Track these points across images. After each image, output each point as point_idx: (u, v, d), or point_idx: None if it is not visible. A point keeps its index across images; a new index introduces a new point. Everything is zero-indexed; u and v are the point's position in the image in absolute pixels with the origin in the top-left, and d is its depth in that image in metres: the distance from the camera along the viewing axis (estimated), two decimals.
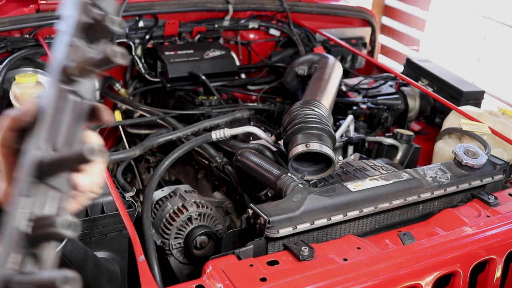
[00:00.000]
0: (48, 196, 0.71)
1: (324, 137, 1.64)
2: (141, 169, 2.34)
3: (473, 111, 2.13)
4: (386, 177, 1.53)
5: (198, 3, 2.57)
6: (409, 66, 2.72)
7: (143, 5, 2.47)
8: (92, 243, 1.46)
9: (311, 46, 2.79)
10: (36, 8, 2.29)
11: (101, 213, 1.46)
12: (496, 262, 1.45)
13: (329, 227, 1.44)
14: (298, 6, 2.83)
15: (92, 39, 0.76)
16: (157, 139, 1.96)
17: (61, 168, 0.70)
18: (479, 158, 1.63)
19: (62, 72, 0.74)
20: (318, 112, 1.80)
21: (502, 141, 1.94)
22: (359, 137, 2.11)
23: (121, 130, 2.32)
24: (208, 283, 1.20)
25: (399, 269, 1.31)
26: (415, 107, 2.43)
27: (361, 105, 2.41)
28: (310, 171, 1.64)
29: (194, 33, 2.64)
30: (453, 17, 4.66)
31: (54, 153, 0.71)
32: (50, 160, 0.70)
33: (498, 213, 1.53)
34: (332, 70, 2.26)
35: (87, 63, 0.72)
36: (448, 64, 3.65)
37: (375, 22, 3.07)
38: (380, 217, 1.52)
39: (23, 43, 2.24)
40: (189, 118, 2.23)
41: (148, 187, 1.74)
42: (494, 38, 4.33)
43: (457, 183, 1.59)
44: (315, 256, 1.29)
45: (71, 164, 0.70)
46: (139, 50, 2.48)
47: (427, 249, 1.36)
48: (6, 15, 2.23)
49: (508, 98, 4.16)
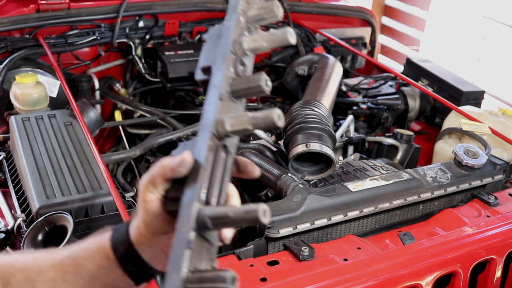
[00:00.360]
0: (203, 248, 0.71)
1: (324, 137, 1.64)
2: (141, 169, 2.34)
3: (473, 111, 2.12)
4: (386, 177, 1.53)
5: (198, 3, 2.57)
6: (409, 66, 2.72)
7: (143, 5, 2.46)
8: None
9: (311, 46, 2.78)
10: (36, 8, 2.29)
11: (101, 213, 1.47)
12: (496, 262, 1.45)
13: (329, 227, 1.44)
14: (298, 6, 2.83)
15: (237, 96, 0.81)
16: (157, 139, 1.96)
17: (226, 224, 0.71)
18: (479, 158, 1.63)
19: (215, 128, 0.76)
20: (318, 112, 1.80)
21: (502, 141, 1.94)
22: (359, 137, 2.11)
23: (121, 130, 2.32)
24: None
25: (399, 269, 1.31)
26: (415, 107, 2.43)
27: (361, 105, 2.41)
28: (310, 171, 1.64)
29: (194, 33, 2.64)
30: (453, 17, 4.66)
31: (219, 209, 0.71)
32: (214, 215, 0.70)
33: (498, 213, 1.53)
34: (332, 70, 2.26)
35: (244, 124, 0.76)
36: (448, 64, 3.65)
37: (375, 22, 3.07)
38: (380, 217, 1.52)
39: (23, 43, 2.24)
40: (189, 118, 2.23)
41: None
42: (494, 38, 4.33)
43: (457, 183, 1.59)
44: (315, 256, 1.29)
45: (239, 222, 0.70)
46: (139, 50, 2.48)
47: (427, 249, 1.36)
48: (6, 15, 2.23)
49: (508, 98, 4.16)
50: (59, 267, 0.87)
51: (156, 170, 0.79)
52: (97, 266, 0.84)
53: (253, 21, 0.88)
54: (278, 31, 0.82)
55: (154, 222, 0.80)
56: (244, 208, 0.70)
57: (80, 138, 1.73)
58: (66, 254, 0.88)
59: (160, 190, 0.79)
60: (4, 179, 1.73)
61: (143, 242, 0.82)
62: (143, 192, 0.80)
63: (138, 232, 0.83)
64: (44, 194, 1.46)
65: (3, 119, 2.13)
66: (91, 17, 2.37)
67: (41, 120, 1.82)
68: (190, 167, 0.76)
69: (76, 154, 1.65)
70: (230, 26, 0.85)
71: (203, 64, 0.86)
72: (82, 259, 0.86)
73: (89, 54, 2.51)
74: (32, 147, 1.67)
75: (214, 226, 0.70)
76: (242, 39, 0.84)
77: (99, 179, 1.54)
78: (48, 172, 1.55)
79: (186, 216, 0.70)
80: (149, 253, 0.83)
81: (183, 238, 0.68)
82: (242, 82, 0.81)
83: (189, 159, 0.76)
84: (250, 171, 0.82)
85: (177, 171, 0.76)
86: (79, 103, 1.88)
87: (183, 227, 0.69)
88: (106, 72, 2.58)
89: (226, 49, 0.83)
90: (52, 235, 1.35)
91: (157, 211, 0.79)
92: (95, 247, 0.86)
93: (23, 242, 1.31)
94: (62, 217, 1.35)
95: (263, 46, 0.84)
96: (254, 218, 0.69)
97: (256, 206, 0.69)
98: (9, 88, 2.03)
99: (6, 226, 1.48)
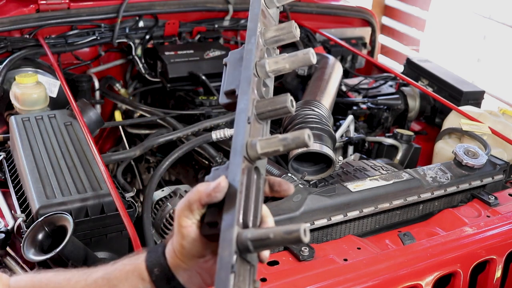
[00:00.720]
0: (246, 270, 0.73)
1: (324, 137, 1.64)
2: (141, 169, 2.34)
3: (473, 111, 2.12)
4: (386, 177, 1.53)
5: (198, 3, 2.57)
6: (409, 66, 2.72)
7: (143, 5, 2.46)
8: (92, 244, 1.46)
9: (311, 46, 2.78)
10: (36, 8, 2.29)
11: (101, 214, 1.46)
12: (496, 262, 1.45)
13: (329, 227, 1.44)
14: (298, 6, 2.83)
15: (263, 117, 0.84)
16: (157, 139, 1.96)
17: (267, 246, 0.72)
18: (479, 158, 1.63)
19: (246, 151, 0.79)
20: (318, 112, 1.80)
21: (502, 141, 1.94)
22: (359, 137, 2.11)
23: (121, 130, 2.31)
24: None
25: (399, 269, 1.31)
26: (415, 107, 2.43)
27: (361, 105, 2.41)
28: (310, 171, 1.64)
29: (194, 33, 2.64)
30: (453, 17, 4.66)
31: (259, 231, 0.73)
32: (255, 238, 0.72)
33: (498, 213, 1.53)
34: (332, 70, 2.26)
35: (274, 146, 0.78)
36: (448, 64, 3.65)
37: (375, 22, 3.07)
38: (380, 217, 1.52)
39: (23, 43, 2.24)
40: (189, 118, 2.23)
41: (148, 187, 1.74)
42: (494, 38, 4.33)
43: (457, 183, 1.59)
44: (315, 256, 1.29)
45: (280, 243, 0.72)
46: (139, 50, 2.48)
47: (427, 249, 1.36)
48: (6, 15, 2.23)
49: (508, 98, 4.16)
50: (93, 287, 0.89)
51: (192, 196, 0.80)
52: (132, 286, 0.86)
53: (271, 43, 0.90)
54: (300, 52, 0.85)
55: (191, 246, 0.82)
56: (284, 228, 0.71)
57: (80, 138, 1.73)
58: (100, 275, 0.90)
59: (197, 215, 0.81)
60: (4, 179, 1.73)
61: (180, 265, 0.85)
62: (180, 217, 0.82)
63: (174, 256, 0.85)
64: (44, 194, 1.46)
65: (3, 119, 2.13)
66: (91, 17, 2.37)
67: (41, 120, 1.82)
68: (225, 191, 0.78)
69: (76, 154, 1.65)
70: (251, 49, 0.87)
71: (227, 88, 0.88)
72: (116, 280, 0.88)
73: (89, 54, 2.51)
74: (32, 147, 1.67)
75: (255, 248, 0.72)
76: (264, 62, 0.86)
77: (99, 179, 1.54)
78: (48, 172, 1.55)
79: (228, 241, 0.71)
80: (185, 276, 0.85)
81: (226, 263, 0.69)
82: (267, 104, 0.83)
83: (224, 183, 0.77)
84: (285, 189, 0.84)
85: (213, 196, 0.78)
86: (79, 103, 1.88)
87: (225, 252, 0.70)
88: (106, 72, 2.58)
89: (249, 72, 0.84)
90: (52, 236, 1.35)
91: (194, 236, 0.81)
92: (130, 268, 0.88)
93: (23, 242, 1.31)
94: (62, 217, 1.35)
95: (285, 68, 0.86)
96: (296, 238, 0.71)
97: (297, 226, 0.70)
98: (9, 88, 2.03)
99: (6, 226, 1.48)
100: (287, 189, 0.83)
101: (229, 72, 0.90)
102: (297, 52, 0.86)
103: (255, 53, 0.87)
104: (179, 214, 0.82)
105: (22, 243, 1.31)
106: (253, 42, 0.88)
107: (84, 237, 1.45)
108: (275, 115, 0.83)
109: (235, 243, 0.71)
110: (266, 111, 0.83)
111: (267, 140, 0.79)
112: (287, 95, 0.82)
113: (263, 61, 0.87)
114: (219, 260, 0.70)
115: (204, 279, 0.86)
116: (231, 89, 0.88)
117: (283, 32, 0.90)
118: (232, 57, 0.92)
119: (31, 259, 1.28)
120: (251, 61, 0.86)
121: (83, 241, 1.41)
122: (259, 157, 0.80)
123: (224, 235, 0.72)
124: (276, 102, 0.83)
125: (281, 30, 0.90)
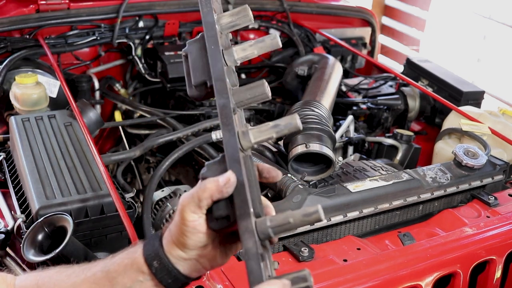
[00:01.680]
0: (265, 255, 0.76)
1: (324, 137, 1.64)
2: (141, 169, 2.34)
3: (473, 111, 2.12)
4: (386, 177, 1.53)
5: (198, 3, 2.57)
6: (409, 66, 2.71)
7: (143, 5, 2.46)
8: (92, 244, 1.46)
9: (311, 46, 2.78)
10: (36, 8, 2.29)
11: (101, 214, 1.46)
12: (496, 262, 1.45)
13: (329, 228, 1.44)
14: (298, 6, 2.83)
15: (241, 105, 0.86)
16: (157, 139, 1.96)
17: (287, 230, 0.75)
18: (479, 159, 1.63)
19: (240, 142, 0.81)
20: (318, 113, 1.80)
21: (502, 142, 1.94)
22: (359, 138, 2.11)
23: (121, 130, 2.31)
24: (208, 284, 1.20)
25: (399, 270, 1.31)
26: (415, 107, 2.43)
27: (361, 105, 2.41)
28: (310, 172, 1.64)
29: (194, 33, 2.64)
30: (453, 17, 4.66)
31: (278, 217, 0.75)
32: (276, 224, 0.75)
33: (498, 214, 1.53)
34: (332, 70, 2.26)
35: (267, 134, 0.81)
36: (448, 64, 3.65)
37: (375, 22, 3.07)
38: (380, 217, 1.52)
39: (23, 44, 2.24)
40: (189, 118, 2.23)
41: (148, 187, 1.74)
42: (494, 38, 4.33)
43: (457, 183, 1.59)
44: (315, 257, 1.29)
45: (300, 225, 0.75)
46: (139, 50, 2.48)
47: (427, 249, 1.36)
48: (6, 15, 2.23)
49: (508, 98, 4.16)
50: (92, 280, 0.90)
51: (201, 193, 0.81)
52: (132, 279, 0.88)
53: (227, 28, 0.90)
54: (267, 37, 0.87)
55: (196, 239, 0.83)
56: (302, 211, 0.74)
57: (80, 139, 1.73)
58: (98, 269, 0.91)
59: (203, 210, 0.82)
60: (4, 180, 1.73)
61: (181, 256, 0.86)
62: (186, 212, 0.82)
63: (175, 247, 0.86)
64: (44, 194, 1.46)
65: (3, 120, 2.13)
66: (91, 17, 2.37)
67: (41, 120, 1.82)
68: (235, 186, 0.79)
69: (76, 155, 1.65)
70: (215, 36, 0.88)
71: (197, 80, 0.89)
72: (115, 273, 0.89)
73: (89, 54, 2.51)
74: (32, 147, 1.66)
75: (275, 234, 0.75)
76: (232, 50, 0.87)
77: (99, 180, 1.54)
78: (48, 173, 1.55)
79: (250, 232, 0.74)
80: (185, 265, 0.87)
81: (254, 253, 0.72)
82: (244, 91, 0.85)
83: (234, 179, 0.79)
84: (274, 176, 0.86)
85: (224, 192, 0.79)
86: (79, 104, 1.88)
87: (249, 243, 0.73)
88: (106, 72, 2.58)
89: (220, 62, 0.86)
90: (52, 236, 1.35)
91: (201, 229, 0.83)
92: (128, 262, 0.89)
93: (22, 243, 1.31)
94: (62, 217, 1.35)
95: (253, 54, 0.88)
96: (316, 219, 0.74)
97: (313, 207, 0.74)
98: (9, 88, 2.03)
99: (6, 227, 1.48)
100: (276, 176, 0.86)
101: (193, 64, 0.90)
102: (264, 37, 0.88)
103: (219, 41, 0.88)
104: (186, 210, 0.82)
105: (22, 243, 1.31)
106: (215, 29, 0.88)
107: (84, 237, 1.45)
108: (254, 101, 0.85)
109: (257, 234, 0.74)
110: (245, 99, 0.85)
111: (258, 129, 0.81)
112: (262, 81, 0.84)
113: (230, 50, 0.88)
114: (246, 252, 0.73)
115: (203, 264, 0.88)
116: (202, 80, 0.89)
117: (238, 17, 0.90)
118: (192, 48, 0.92)
119: (31, 259, 1.28)
120: (218, 50, 0.86)
121: (83, 242, 1.41)
122: (252, 146, 0.82)
123: (244, 227, 0.74)
124: (253, 88, 0.85)
125: (237, 15, 0.90)
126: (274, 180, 0.86)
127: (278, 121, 0.81)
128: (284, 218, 0.75)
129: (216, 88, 0.84)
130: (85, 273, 0.92)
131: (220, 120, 0.82)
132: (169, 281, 0.86)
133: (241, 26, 0.91)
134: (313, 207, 0.74)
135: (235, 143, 0.80)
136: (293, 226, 0.75)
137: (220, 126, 0.82)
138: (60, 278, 0.94)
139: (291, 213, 0.75)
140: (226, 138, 0.81)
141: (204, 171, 0.84)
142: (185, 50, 0.93)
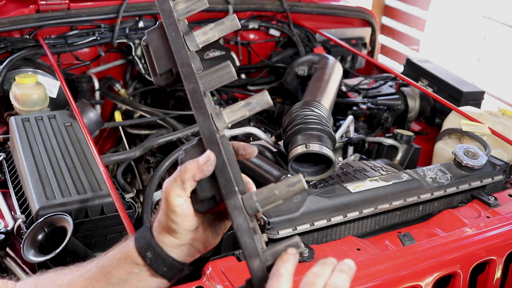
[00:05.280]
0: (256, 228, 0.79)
1: (324, 138, 1.64)
2: (141, 169, 2.34)
3: (473, 111, 2.12)
4: (386, 178, 1.53)
5: None
6: (409, 66, 2.72)
7: (143, 5, 2.46)
8: (92, 244, 1.46)
9: (311, 46, 2.78)
10: (36, 8, 2.29)
11: (101, 214, 1.46)
12: (496, 263, 1.45)
13: (329, 228, 1.44)
14: (298, 6, 2.83)
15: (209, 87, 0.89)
16: (157, 139, 1.96)
17: (273, 202, 0.78)
18: (479, 159, 1.63)
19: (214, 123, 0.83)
20: (318, 113, 1.80)
21: (502, 142, 1.94)
22: (359, 138, 2.11)
23: (121, 130, 2.32)
24: (208, 284, 1.20)
25: (399, 270, 1.31)
26: (415, 107, 2.43)
27: (361, 106, 2.41)
28: (310, 172, 1.64)
29: None
30: (453, 17, 4.66)
31: (263, 190, 0.78)
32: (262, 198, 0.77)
33: (498, 214, 1.53)
34: (332, 70, 2.26)
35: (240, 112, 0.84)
36: (448, 64, 3.65)
37: (375, 22, 3.07)
38: (380, 218, 1.52)
39: (23, 44, 2.24)
40: (189, 118, 2.23)
41: (148, 187, 1.74)
42: (494, 38, 4.33)
43: (457, 184, 1.59)
44: (315, 257, 1.29)
45: (285, 196, 0.78)
46: (139, 50, 2.48)
47: (427, 250, 1.36)
48: (6, 15, 2.24)
49: (508, 98, 4.16)
50: (88, 276, 0.92)
51: (183, 174, 0.82)
52: (127, 272, 0.89)
53: (183, 14, 0.92)
54: (226, 19, 0.89)
55: (186, 222, 0.85)
56: (285, 182, 0.77)
57: (80, 139, 1.73)
58: (93, 265, 0.93)
59: (188, 192, 0.83)
60: (4, 180, 1.73)
61: (175, 243, 0.87)
62: (171, 197, 0.83)
63: (167, 235, 0.87)
64: (44, 195, 1.46)
65: (3, 120, 2.13)
66: (91, 17, 2.37)
67: (41, 121, 1.82)
68: (215, 164, 0.81)
69: (76, 155, 1.65)
70: (174, 23, 0.89)
71: (162, 69, 0.91)
72: (109, 267, 0.90)
73: (89, 55, 2.51)
74: (32, 148, 1.67)
75: (263, 207, 0.78)
76: (193, 35, 0.89)
77: (99, 180, 1.54)
78: (48, 173, 1.55)
79: (238, 208, 0.77)
80: (178, 251, 0.88)
81: (246, 228, 0.75)
82: (210, 74, 0.87)
83: (213, 156, 0.80)
84: (250, 152, 0.88)
85: (205, 170, 0.80)
86: (79, 104, 1.88)
87: (239, 219, 0.76)
88: (106, 73, 2.58)
89: (183, 49, 0.87)
90: (52, 237, 1.35)
91: (189, 212, 0.84)
92: (121, 256, 0.90)
93: (22, 243, 1.31)
94: (62, 218, 1.35)
95: (215, 36, 0.90)
96: (300, 188, 0.76)
97: (296, 177, 0.76)
98: (9, 88, 2.03)
99: (6, 227, 1.48)
100: (252, 152, 0.88)
101: (155, 53, 0.92)
102: (223, 19, 0.89)
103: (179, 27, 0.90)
104: (170, 195, 0.83)
105: (22, 244, 1.31)
106: (173, 16, 0.90)
107: (84, 238, 1.45)
108: (222, 82, 0.88)
109: (245, 209, 0.76)
110: (212, 80, 0.87)
111: (231, 109, 0.84)
112: (227, 62, 0.87)
113: (191, 35, 0.90)
114: (237, 228, 0.75)
115: (197, 248, 0.90)
116: (168, 68, 0.91)
117: (193, 2, 0.92)
118: (151, 37, 0.93)
119: (31, 260, 1.28)
120: (179, 36, 0.88)
121: (83, 242, 1.41)
122: (227, 126, 0.84)
123: (232, 205, 0.77)
124: (220, 71, 0.87)
125: (191, 0, 0.91)
126: (251, 156, 0.88)
127: (250, 99, 0.83)
128: (269, 191, 0.77)
129: (183, 74, 0.87)
130: (80, 270, 0.94)
131: (192, 105, 0.84)
132: (165, 269, 0.88)
133: (197, 11, 0.93)
134: (296, 176, 0.76)
135: (211, 125, 0.82)
136: (279, 197, 0.77)
137: (193, 110, 0.84)
138: (57, 278, 0.96)
139: (275, 185, 0.77)
140: (201, 121, 0.83)
141: (182, 156, 0.86)
142: (145, 40, 0.94)
